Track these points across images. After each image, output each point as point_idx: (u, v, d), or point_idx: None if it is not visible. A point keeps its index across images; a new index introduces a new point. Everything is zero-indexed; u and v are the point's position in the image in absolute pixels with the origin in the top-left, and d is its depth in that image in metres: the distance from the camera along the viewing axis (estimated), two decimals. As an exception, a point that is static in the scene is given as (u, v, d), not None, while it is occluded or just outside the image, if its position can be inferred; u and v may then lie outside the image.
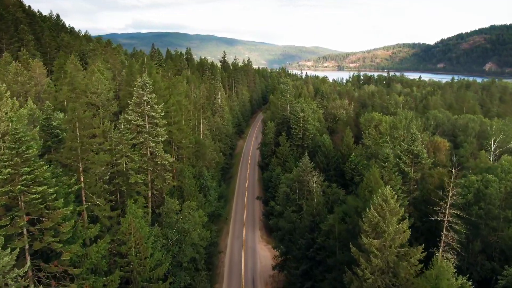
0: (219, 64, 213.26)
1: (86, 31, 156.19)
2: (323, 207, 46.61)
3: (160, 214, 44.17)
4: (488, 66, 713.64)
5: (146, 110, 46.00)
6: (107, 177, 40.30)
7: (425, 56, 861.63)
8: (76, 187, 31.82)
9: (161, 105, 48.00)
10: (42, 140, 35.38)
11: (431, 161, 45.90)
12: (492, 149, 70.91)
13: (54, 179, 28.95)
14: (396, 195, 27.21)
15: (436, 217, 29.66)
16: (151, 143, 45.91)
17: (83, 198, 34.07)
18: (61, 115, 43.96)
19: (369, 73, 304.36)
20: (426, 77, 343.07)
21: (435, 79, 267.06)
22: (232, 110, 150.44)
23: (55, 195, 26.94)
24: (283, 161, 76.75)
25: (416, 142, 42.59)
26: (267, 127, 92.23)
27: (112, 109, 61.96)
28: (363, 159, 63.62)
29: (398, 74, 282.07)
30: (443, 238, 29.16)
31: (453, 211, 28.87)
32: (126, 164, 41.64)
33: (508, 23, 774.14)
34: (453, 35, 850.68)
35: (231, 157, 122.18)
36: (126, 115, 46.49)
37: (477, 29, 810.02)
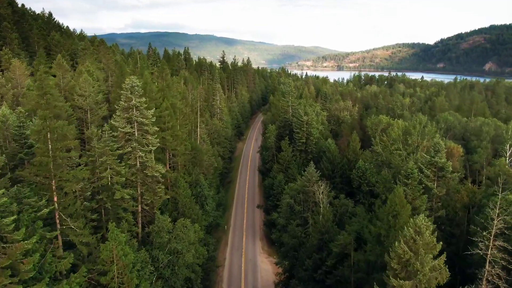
0: (218, 64, 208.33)
1: (82, 30, 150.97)
2: (332, 224, 41.69)
3: (150, 233, 39.16)
4: (488, 66, 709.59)
5: (135, 116, 40.99)
6: (89, 193, 35.32)
7: (424, 56, 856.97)
8: (47, 210, 26.81)
9: (152, 110, 42.96)
10: (4, 155, 30.30)
11: (458, 175, 40.74)
12: (508, 154, 66.08)
13: (16, 204, 23.90)
14: (430, 225, 22.16)
15: (476, 250, 24.42)
16: (140, 153, 40.91)
17: (57, 222, 29.09)
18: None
19: (370, 73, 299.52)
20: (426, 77, 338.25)
21: (437, 79, 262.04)
22: (231, 112, 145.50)
23: (14, 224, 21.97)
24: (286, 168, 71.85)
25: (440, 153, 37.53)
26: (267, 131, 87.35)
27: (101, 113, 57.01)
28: (373, 167, 58.70)
29: (399, 74, 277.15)
30: (485, 275, 24.02)
31: (498, 243, 23.76)
32: (111, 177, 36.64)
33: (508, 23, 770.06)
34: (452, 35, 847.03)
35: (230, 161, 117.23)
36: (112, 121, 41.49)
37: (476, 29, 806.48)
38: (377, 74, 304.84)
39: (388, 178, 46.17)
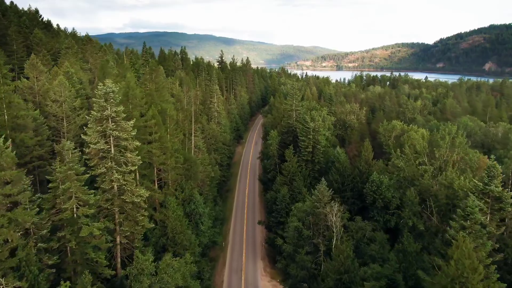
0: (216, 64, 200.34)
1: (74, 29, 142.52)
2: (352, 260, 33.91)
3: (127, 276, 31.29)
4: (488, 66, 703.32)
5: (110, 129, 33.10)
6: (46, 230, 27.44)
7: (424, 55, 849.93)
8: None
9: (132, 121, 35.02)
10: None
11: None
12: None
13: None
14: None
15: None
16: (117, 174, 33.03)
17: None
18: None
19: (372, 73, 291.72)
20: (425, 76, 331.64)
21: (441, 80, 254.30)
22: (230, 114, 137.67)
23: None
24: (290, 180, 64.05)
25: (495, 179, 29.63)
26: (269, 137, 79.50)
27: (78, 121, 49.03)
28: (392, 183, 50.90)
29: (402, 74, 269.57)
30: None
31: None
32: (76, 208, 28.78)
33: (507, 23, 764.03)
34: (452, 35, 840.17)
35: (229, 167, 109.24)
36: (83, 136, 33.60)
37: (476, 28, 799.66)
38: (378, 74, 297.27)
39: (415, 201, 38.51)
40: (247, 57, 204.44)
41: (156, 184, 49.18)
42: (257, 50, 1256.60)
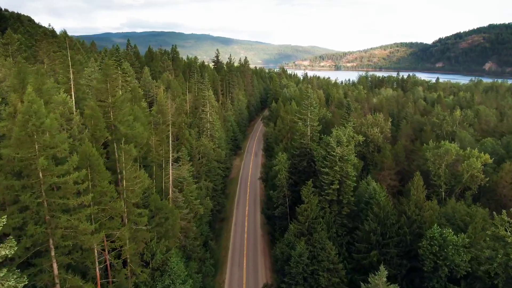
0: (211, 65, 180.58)
1: (49, 25, 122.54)
2: None
3: None
4: (488, 66, 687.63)
5: None
6: None
7: (423, 55, 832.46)
8: None
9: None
10: None
11: None
12: None
13: None
14: None
15: None
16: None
17: None
18: None
19: (377, 74, 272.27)
20: (425, 76, 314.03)
21: (452, 81, 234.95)
22: (226, 122, 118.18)
23: None
24: (308, 228, 44.87)
25: None
26: (277, 161, 59.75)
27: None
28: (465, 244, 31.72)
29: (409, 74, 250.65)
30: None
31: None
32: None
33: (507, 22, 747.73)
34: (451, 34, 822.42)
35: (224, 187, 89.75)
36: None
37: (475, 28, 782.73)
38: (379, 74, 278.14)
39: None
40: (245, 57, 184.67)
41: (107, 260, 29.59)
42: (254, 49, 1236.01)
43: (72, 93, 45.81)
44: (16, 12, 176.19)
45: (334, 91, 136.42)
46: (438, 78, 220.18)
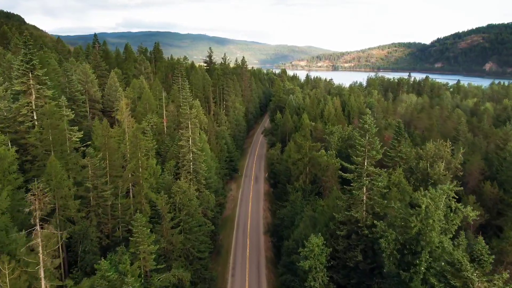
0: (203, 65, 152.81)
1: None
2: None
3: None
4: (488, 66, 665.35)
5: None
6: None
7: (421, 55, 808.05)
8: None
9: None
10: None
11: None
12: None
13: None
14: None
15: None
16: None
17: None
18: None
19: (386, 75, 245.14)
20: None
21: (473, 83, 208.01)
22: (219, 139, 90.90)
23: None
24: None
25: None
26: (306, 250, 31.87)
27: None
28: None
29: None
30: None
31: None
32: None
33: (506, 22, 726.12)
34: (449, 34, 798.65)
35: (214, 247, 61.97)
36: None
37: (474, 28, 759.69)
38: (391, 76, 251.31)
39: None
40: (243, 57, 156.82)
41: None
42: (251, 50, 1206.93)
43: None
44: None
45: (351, 99, 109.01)
46: (459, 81, 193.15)
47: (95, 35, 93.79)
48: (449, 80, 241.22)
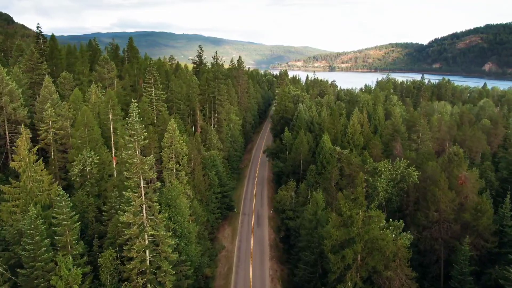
0: (192, 66, 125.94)
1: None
2: None
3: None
4: (487, 67, 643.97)
5: None
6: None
7: (419, 56, 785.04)
8: None
9: None
10: None
11: None
12: None
13: None
14: None
15: None
16: None
17: None
18: None
19: (395, 76, 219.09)
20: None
21: (500, 87, 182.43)
22: (208, 170, 64.72)
23: None
24: None
25: None
26: None
27: None
28: None
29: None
30: None
31: None
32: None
33: (504, 22, 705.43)
34: (447, 35, 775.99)
35: None
36: None
37: (472, 28, 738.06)
38: (400, 77, 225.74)
39: None
40: (239, 57, 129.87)
41: None
42: (246, 50, 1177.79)
43: None
44: None
45: (379, 110, 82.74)
46: (485, 84, 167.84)
47: (38, 25, 67.16)
48: (449, 80, 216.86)
